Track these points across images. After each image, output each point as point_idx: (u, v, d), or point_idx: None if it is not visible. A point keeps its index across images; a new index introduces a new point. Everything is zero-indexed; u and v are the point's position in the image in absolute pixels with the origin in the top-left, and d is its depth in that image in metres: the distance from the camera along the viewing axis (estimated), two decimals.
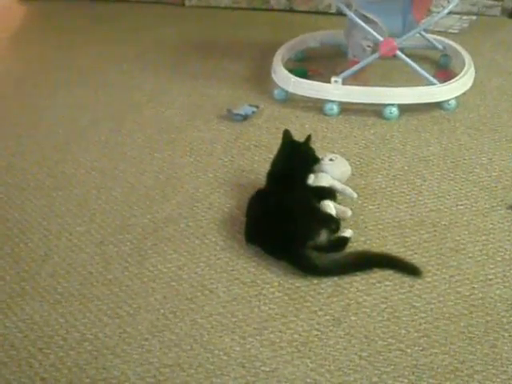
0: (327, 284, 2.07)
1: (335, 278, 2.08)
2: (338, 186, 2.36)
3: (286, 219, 2.15)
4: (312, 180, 2.36)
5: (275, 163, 2.43)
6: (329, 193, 2.34)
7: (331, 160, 2.42)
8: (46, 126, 3.03)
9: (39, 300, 2.06)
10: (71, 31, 4.09)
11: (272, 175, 2.41)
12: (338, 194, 2.35)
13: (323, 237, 2.14)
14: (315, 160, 2.40)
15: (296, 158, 2.39)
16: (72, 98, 3.28)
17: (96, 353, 1.87)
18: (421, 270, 2.10)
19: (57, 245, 2.29)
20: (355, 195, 2.36)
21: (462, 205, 2.40)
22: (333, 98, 2.99)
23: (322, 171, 2.38)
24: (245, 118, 2.97)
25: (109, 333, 1.93)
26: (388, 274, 2.10)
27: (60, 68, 3.61)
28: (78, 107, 3.19)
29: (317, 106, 3.03)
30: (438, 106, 2.99)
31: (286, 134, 2.44)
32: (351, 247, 2.20)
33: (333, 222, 2.22)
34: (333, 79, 2.99)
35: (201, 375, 1.80)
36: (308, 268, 2.10)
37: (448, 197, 2.45)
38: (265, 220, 2.21)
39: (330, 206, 2.27)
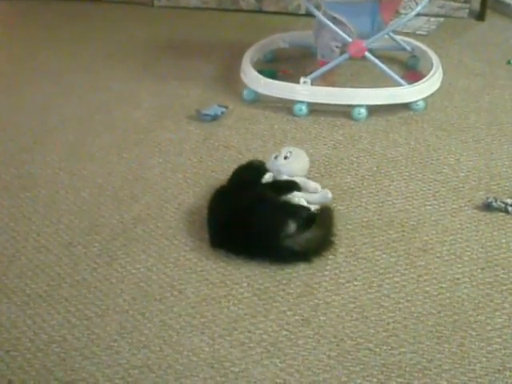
0: (296, 284, 2.07)
1: (304, 278, 2.08)
2: (308, 184, 2.37)
3: (252, 217, 2.15)
4: (269, 177, 2.36)
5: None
6: (293, 185, 2.34)
7: (286, 158, 2.41)
8: (13, 127, 3.00)
9: (6, 302, 2.04)
10: (39, 30, 4.05)
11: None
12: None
13: (292, 227, 2.13)
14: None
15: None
16: (39, 97, 3.25)
17: (64, 354, 1.86)
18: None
19: (24, 246, 2.27)
20: (330, 195, 2.36)
21: (429, 205, 2.42)
22: (302, 99, 3.00)
23: (279, 172, 2.38)
24: (214, 118, 2.96)
25: (77, 334, 1.92)
26: (357, 274, 2.11)
27: (27, 67, 3.57)
28: (46, 107, 3.16)
29: (286, 106, 3.04)
30: (406, 106, 3.01)
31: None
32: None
33: (301, 211, 2.22)
34: (302, 80, 3.00)
35: (170, 376, 1.79)
36: (290, 257, 2.12)
37: (416, 197, 2.46)
38: (230, 222, 2.19)
39: (298, 197, 2.28)
